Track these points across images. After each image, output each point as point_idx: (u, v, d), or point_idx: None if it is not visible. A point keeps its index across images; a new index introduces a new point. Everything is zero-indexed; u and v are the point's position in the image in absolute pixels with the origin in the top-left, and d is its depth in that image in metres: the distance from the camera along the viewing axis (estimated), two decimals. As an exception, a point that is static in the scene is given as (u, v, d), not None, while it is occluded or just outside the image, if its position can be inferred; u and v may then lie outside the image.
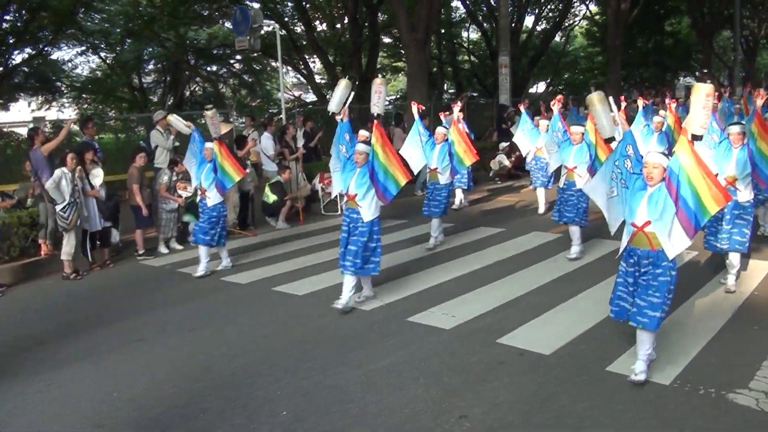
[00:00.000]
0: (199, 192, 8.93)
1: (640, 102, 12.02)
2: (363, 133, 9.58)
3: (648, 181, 4.90)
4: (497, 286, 7.84)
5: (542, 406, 4.84)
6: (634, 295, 5.09)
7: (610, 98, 5.56)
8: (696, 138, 4.77)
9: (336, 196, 12.45)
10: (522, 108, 13.14)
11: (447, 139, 9.85)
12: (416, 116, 9.89)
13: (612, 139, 5.85)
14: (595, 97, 5.62)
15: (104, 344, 6.46)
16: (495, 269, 8.58)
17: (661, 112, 11.56)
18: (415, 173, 10.25)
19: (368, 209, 7.06)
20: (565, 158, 8.87)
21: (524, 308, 6.97)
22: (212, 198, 8.68)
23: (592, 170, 8.49)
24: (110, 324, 7.04)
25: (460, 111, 10.69)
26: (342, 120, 7.41)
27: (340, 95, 7.48)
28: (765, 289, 7.39)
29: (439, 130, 9.89)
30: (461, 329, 6.43)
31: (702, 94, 4.83)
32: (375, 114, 7.40)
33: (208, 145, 8.71)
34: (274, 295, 7.82)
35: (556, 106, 9.45)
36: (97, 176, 9.49)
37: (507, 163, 16.81)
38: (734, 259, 7.23)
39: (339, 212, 12.96)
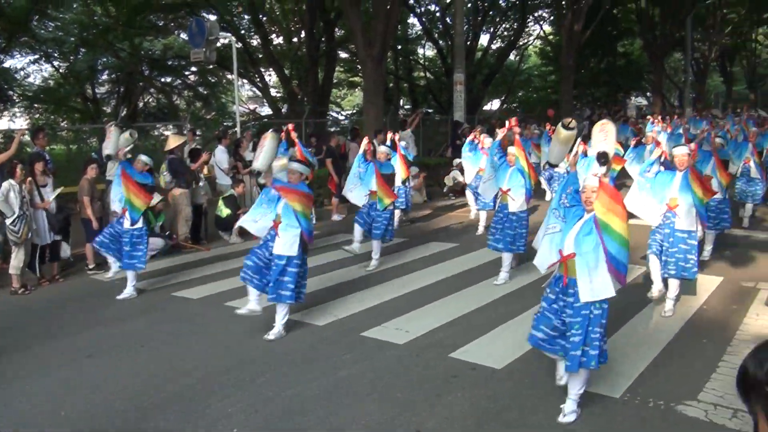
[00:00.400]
0: (120, 212, 8.55)
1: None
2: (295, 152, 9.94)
3: (586, 206, 4.79)
4: (450, 301, 7.90)
5: (495, 419, 4.89)
6: (541, 321, 4.93)
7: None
8: (602, 159, 4.71)
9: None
10: (468, 138, 13.15)
11: (390, 159, 9.87)
12: (360, 152, 9.84)
13: (555, 166, 5.94)
14: (562, 134, 5.58)
15: (53, 360, 6.32)
16: (447, 284, 8.64)
17: None
18: (360, 205, 10.14)
19: (284, 244, 6.63)
20: (501, 179, 8.73)
21: (476, 323, 7.04)
22: (128, 221, 8.38)
23: (528, 195, 8.56)
24: (59, 340, 6.90)
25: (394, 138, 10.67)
26: (266, 185, 7.02)
27: (267, 152, 6.71)
28: (713, 304, 7.60)
29: (381, 149, 9.82)
30: (414, 344, 6.47)
31: (596, 130, 5.04)
32: (255, 170, 6.75)
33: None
34: (227, 310, 7.74)
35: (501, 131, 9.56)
36: (50, 189, 9.29)
37: (461, 179, 16.91)
38: (674, 285, 7.25)
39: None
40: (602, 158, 4.72)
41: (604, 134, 4.91)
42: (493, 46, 36.74)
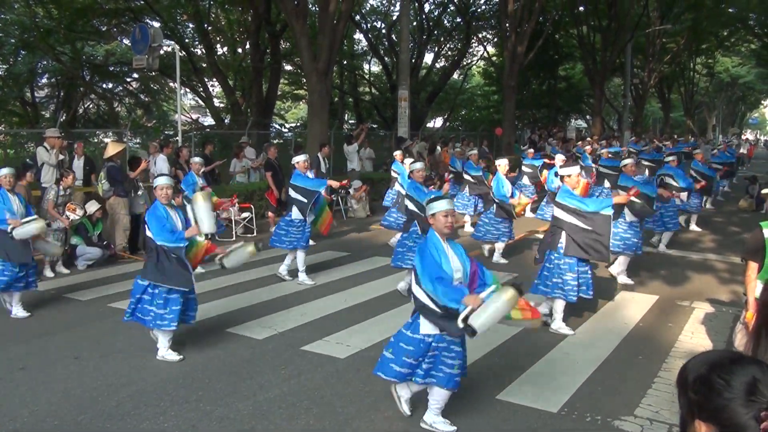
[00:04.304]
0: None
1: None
2: (195, 160, 11.13)
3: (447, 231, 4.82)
4: (391, 315, 7.88)
5: (433, 436, 4.89)
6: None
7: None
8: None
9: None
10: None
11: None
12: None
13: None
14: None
15: (-19, 372, 6.09)
16: (389, 298, 8.64)
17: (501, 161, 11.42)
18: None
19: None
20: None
21: (418, 338, 7.03)
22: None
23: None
24: (-11, 350, 6.66)
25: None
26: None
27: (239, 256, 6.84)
28: (649, 321, 7.78)
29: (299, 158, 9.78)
30: (355, 358, 6.44)
31: None
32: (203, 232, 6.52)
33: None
34: (165, 322, 7.59)
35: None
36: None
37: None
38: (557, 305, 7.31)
39: (233, 237, 12.80)
40: None
41: None
42: (438, 65, 37.25)
